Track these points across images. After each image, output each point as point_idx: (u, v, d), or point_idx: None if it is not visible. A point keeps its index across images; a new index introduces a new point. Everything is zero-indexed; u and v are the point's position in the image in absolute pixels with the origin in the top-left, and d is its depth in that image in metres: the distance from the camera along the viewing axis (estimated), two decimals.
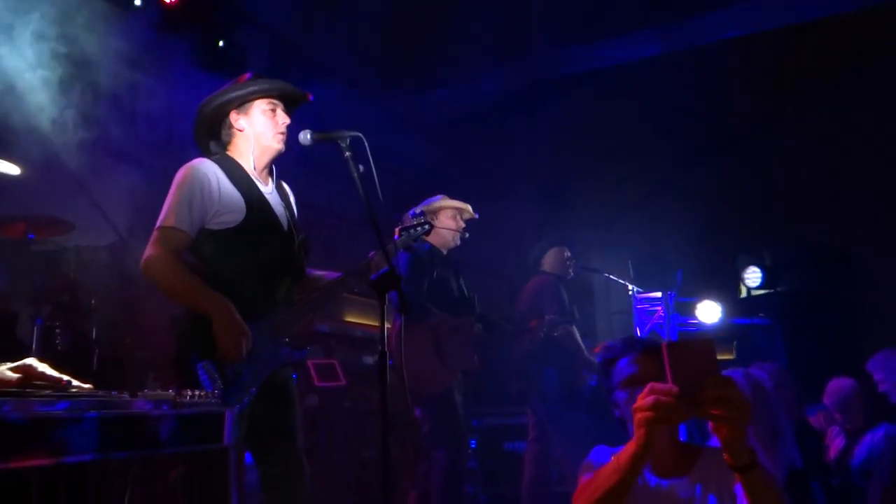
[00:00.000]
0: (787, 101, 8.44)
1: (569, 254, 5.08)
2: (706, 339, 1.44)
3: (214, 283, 2.52)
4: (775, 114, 8.55)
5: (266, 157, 2.74)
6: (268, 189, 2.74)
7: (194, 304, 2.48)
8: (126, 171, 4.56)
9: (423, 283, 3.93)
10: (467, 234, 4.18)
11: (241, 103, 2.71)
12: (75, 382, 1.60)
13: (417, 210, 4.08)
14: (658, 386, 1.45)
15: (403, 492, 4.37)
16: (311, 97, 2.83)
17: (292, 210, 2.83)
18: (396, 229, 3.14)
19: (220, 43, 5.15)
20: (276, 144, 2.73)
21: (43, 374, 1.60)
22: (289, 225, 2.75)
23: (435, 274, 4.00)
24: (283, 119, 2.73)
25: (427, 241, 4.03)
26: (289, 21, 5.54)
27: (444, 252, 4.17)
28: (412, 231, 3.13)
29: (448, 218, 4.16)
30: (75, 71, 3.92)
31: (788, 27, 6.84)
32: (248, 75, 2.78)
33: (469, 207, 4.23)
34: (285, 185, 2.90)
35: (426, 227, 3.16)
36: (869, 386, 4.29)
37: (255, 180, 2.70)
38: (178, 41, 4.85)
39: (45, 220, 4.15)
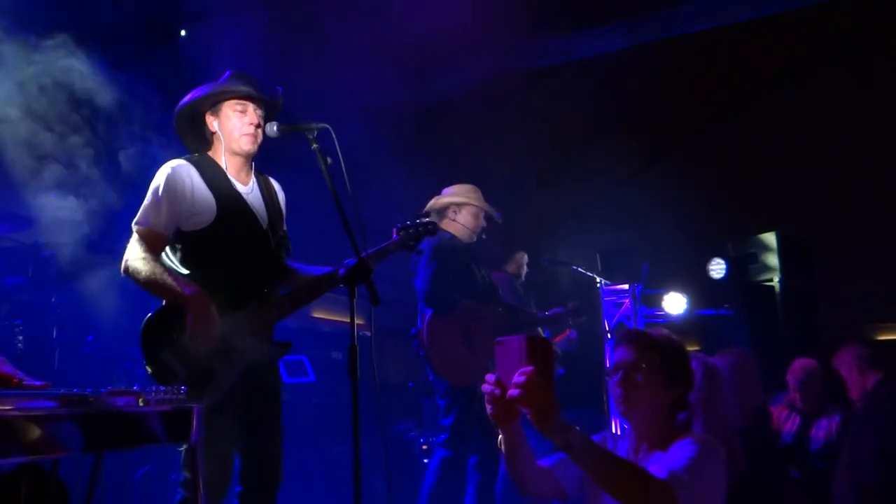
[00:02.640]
0: (751, 94, 8.58)
1: (527, 259, 5.33)
2: (520, 336, 1.54)
3: (194, 281, 2.54)
4: (739, 107, 8.69)
5: (237, 159, 2.73)
6: (246, 188, 2.73)
7: (171, 294, 2.49)
8: (86, 165, 4.45)
9: (447, 275, 3.92)
10: (484, 236, 4.23)
11: (213, 105, 2.70)
12: (28, 380, 1.56)
13: (445, 193, 4.19)
14: (487, 377, 1.58)
15: (374, 487, 4.36)
16: (279, 90, 2.80)
17: (276, 207, 2.82)
18: (395, 228, 3.00)
19: (182, 32, 5.05)
20: (243, 146, 2.70)
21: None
22: (270, 221, 2.74)
23: (459, 263, 4.01)
24: (252, 119, 2.69)
25: (448, 231, 4.08)
26: (252, 13, 5.45)
27: (464, 243, 4.17)
28: (412, 231, 2.97)
29: (471, 216, 4.17)
30: (31, 64, 3.81)
31: (750, 22, 6.94)
32: (227, 73, 2.75)
33: (494, 212, 4.25)
34: (273, 182, 2.88)
35: (430, 227, 3.00)
36: (830, 372, 4.40)
37: (231, 180, 2.69)
38: (138, 32, 4.75)
39: (2, 216, 4.04)
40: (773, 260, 6.47)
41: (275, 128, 2.64)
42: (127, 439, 1.53)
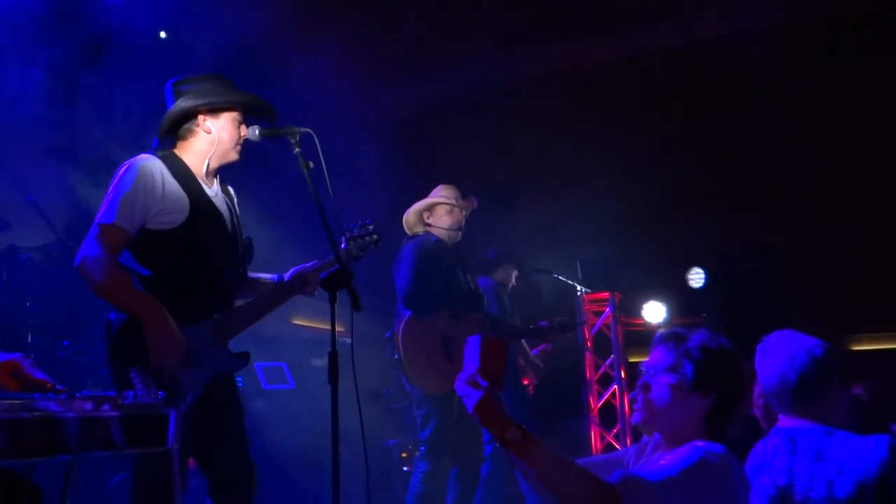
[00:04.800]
0: (730, 107, 8.68)
1: (516, 272, 5.19)
2: (477, 336, 1.64)
3: (155, 285, 2.44)
4: (718, 120, 8.78)
5: (220, 162, 2.69)
6: (212, 191, 2.67)
7: (126, 307, 2.39)
8: (63, 168, 4.41)
9: (430, 277, 3.76)
10: (465, 230, 4.05)
11: (214, 109, 2.65)
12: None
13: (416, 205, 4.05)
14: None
15: (354, 495, 4.32)
16: (276, 118, 2.76)
17: (236, 213, 2.77)
18: (344, 238, 3.03)
19: (162, 34, 4.99)
20: (235, 155, 2.69)
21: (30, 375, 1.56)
22: (233, 227, 2.69)
23: (444, 266, 3.84)
24: (245, 134, 2.70)
25: (433, 234, 3.95)
26: (236, 17, 5.43)
27: (449, 245, 4.00)
28: (359, 241, 3.03)
29: (445, 214, 4.00)
30: (9, 64, 3.77)
31: (728, 36, 7.04)
32: (217, 77, 2.72)
33: (469, 200, 4.07)
34: (230, 188, 2.84)
35: (374, 237, 3.06)
36: None
37: (200, 181, 2.63)
38: (120, 35, 4.71)
39: None
40: (750, 270, 6.53)
41: (257, 131, 2.62)
42: (101, 444, 1.50)
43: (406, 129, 7.68)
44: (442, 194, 4.03)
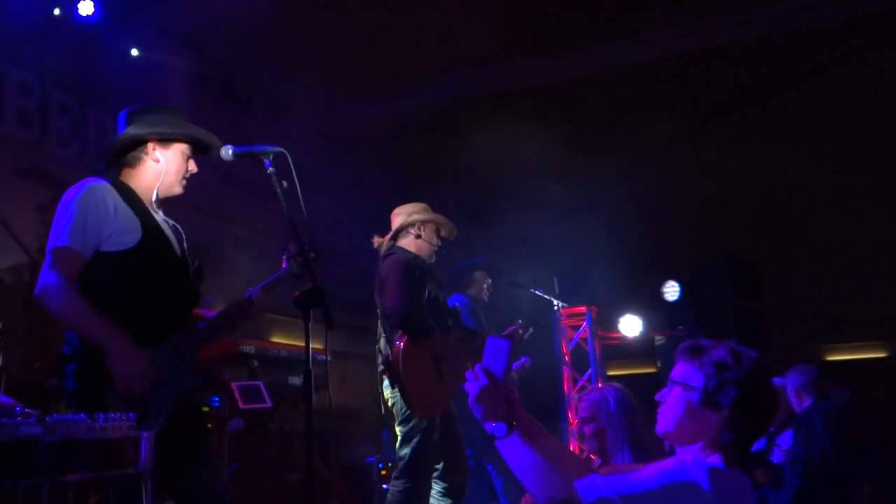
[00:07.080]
0: (702, 123, 8.81)
1: (489, 281, 5.15)
2: (488, 339, 1.82)
3: (112, 308, 2.42)
4: (691, 134, 8.91)
5: (164, 194, 2.67)
6: (160, 217, 2.66)
7: (86, 333, 2.38)
8: (34, 186, 4.36)
9: (422, 297, 3.74)
10: (443, 251, 4.08)
11: (164, 139, 2.64)
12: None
13: (401, 214, 4.01)
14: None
15: None
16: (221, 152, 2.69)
17: (183, 239, 2.75)
18: (283, 257, 2.92)
19: (134, 52, 4.96)
20: (179, 189, 2.68)
21: None
22: (181, 252, 2.68)
23: (427, 291, 3.80)
24: (192, 168, 2.69)
25: (410, 251, 3.91)
26: (209, 35, 5.43)
27: (424, 261, 3.97)
28: (297, 259, 2.89)
29: (431, 232, 4.00)
30: None
31: (703, 51, 7.16)
32: (172, 110, 2.71)
33: (453, 228, 4.10)
34: (170, 220, 2.80)
35: (311, 255, 2.89)
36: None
37: (147, 206, 2.61)
38: (93, 53, 4.69)
39: None
40: (723, 282, 6.62)
41: (230, 151, 2.61)
42: (72, 468, 1.49)
43: (384, 144, 7.70)
44: (433, 214, 4.06)
